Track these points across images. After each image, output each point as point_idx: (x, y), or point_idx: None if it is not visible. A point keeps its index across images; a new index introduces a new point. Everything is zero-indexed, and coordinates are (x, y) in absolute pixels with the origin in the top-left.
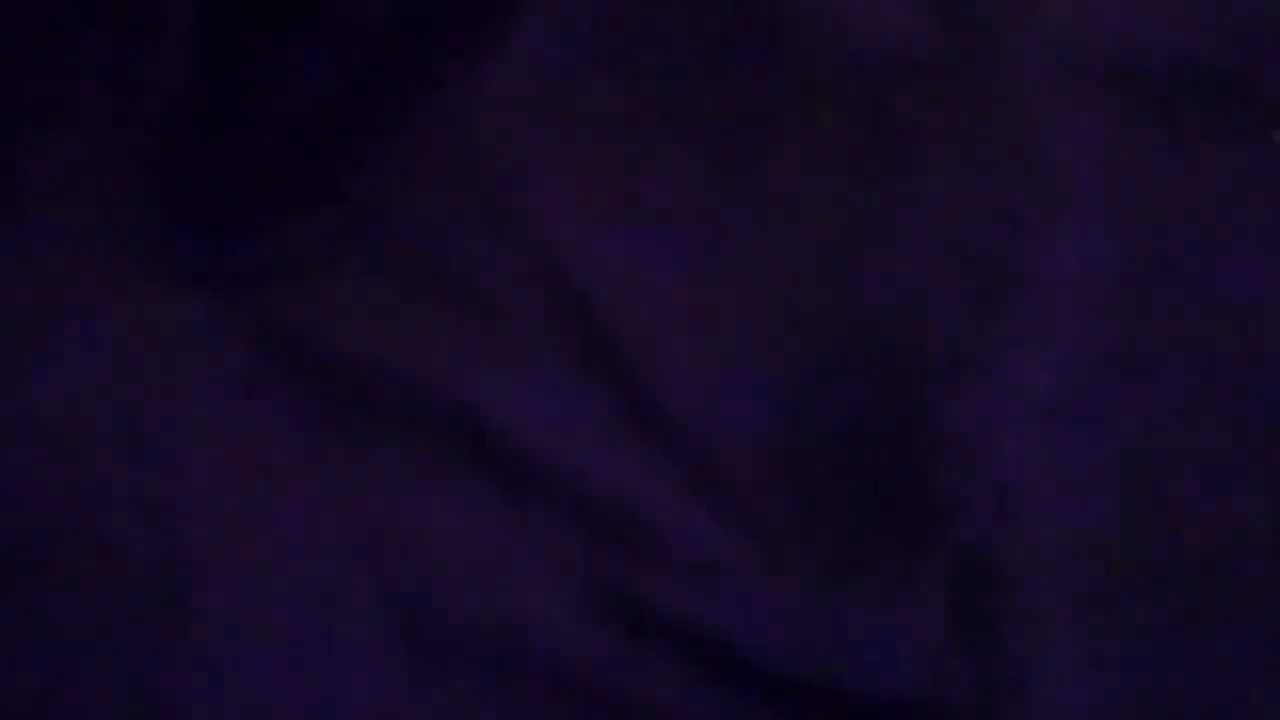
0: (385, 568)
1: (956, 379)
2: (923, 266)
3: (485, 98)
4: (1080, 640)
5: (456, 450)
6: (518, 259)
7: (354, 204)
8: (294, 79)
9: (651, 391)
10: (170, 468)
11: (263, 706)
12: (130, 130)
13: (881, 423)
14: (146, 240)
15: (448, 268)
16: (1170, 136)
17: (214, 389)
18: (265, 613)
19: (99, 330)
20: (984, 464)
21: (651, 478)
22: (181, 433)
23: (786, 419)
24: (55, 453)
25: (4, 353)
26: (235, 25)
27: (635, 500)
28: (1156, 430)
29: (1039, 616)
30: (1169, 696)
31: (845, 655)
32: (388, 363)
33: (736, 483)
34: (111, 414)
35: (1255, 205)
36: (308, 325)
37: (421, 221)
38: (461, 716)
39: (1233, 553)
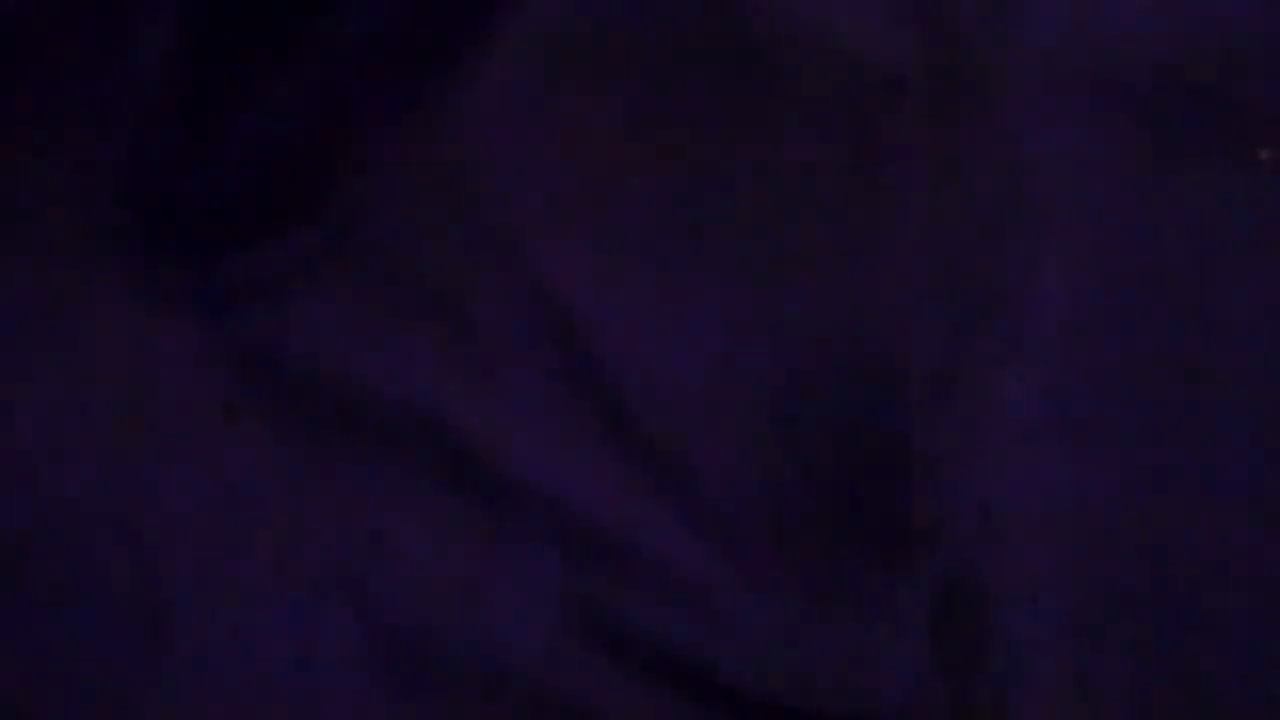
0: (363, 589)
1: (939, 398)
2: (906, 283)
3: (465, 115)
4: (1064, 662)
5: (436, 471)
6: (498, 277)
7: (334, 223)
8: (273, 97)
9: (632, 411)
10: (147, 488)
11: None
12: (107, 150)
13: (864, 442)
14: (124, 261)
15: (428, 286)
16: (1156, 153)
17: (192, 410)
18: (242, 634)
19: (76, 351)
20: (967, 485)
21: (632, 498)
22: (159, 454)
23: (768, 438)
24: (32, 471)
25: None
26: (214, 44)
27: (616, 521)
28: (1141, 450)
29: (1022, 639)
30: (1153, 719)
31: (828, 677)
32: (367, 383)
33: (718, 503)
34: (88, 434)
35: (1241, 222)
36: (287, 346)
37: (402, 240)
38: None
39: (1217, 574)
